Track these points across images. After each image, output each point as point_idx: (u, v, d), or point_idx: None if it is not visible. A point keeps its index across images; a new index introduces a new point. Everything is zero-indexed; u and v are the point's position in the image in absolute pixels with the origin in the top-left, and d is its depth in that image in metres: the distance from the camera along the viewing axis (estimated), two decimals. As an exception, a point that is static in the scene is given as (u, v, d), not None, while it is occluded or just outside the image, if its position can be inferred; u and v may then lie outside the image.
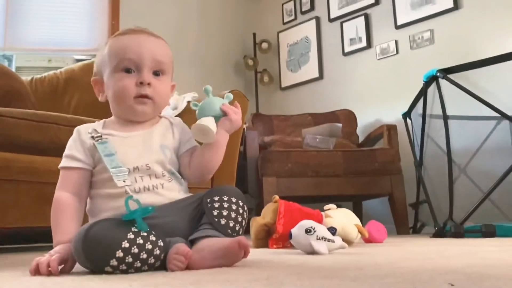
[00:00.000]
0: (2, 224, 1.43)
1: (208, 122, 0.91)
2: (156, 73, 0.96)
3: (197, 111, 0.94)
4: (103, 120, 1.01)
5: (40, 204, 1.49)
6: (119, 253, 0.74)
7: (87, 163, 0.92)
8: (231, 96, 0.98)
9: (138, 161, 0.91)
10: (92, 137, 0.93)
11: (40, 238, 2.17)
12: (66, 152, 0.94)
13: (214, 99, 0.95)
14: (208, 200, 0.88)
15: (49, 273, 0.77)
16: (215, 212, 0.86)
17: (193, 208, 0.90)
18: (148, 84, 0.93)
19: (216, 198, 0.88)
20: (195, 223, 0.88)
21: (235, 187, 0.95)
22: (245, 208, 0.90)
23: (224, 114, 0.94)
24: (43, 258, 0.78)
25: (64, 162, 0.93)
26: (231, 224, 0.86)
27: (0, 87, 1.91)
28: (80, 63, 2.55)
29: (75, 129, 0.97)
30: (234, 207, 0.88)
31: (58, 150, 1.55)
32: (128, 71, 0.93)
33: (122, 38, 0.96)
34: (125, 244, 0.74)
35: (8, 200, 1.44)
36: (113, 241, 0.75)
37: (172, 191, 0.92)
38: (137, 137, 0.95)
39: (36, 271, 0.77)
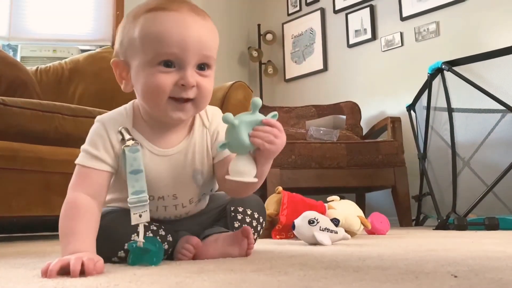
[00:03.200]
0: (8, 212, 1.44)
1: (244, 171, 0.71)
2: (201, 67, 0.75)
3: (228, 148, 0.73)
4: (131, 106, 0.81)
5: (45, 193, 1.50)
6: (121, 253, 0.75)
7: (113, 167, 0.77)
8: (269, 115, 0.73)
9: (165, 189, 0.80)
10: (123, 139, 0.77)
11: (45, 227, 2.20)
12: (88, 148, 0.77)
13: (242, 128, 0.70)
14: (232, 209, 0.89)
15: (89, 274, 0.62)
16: (236, 224, 0.88)
17: (212, 219, 0.91)
18: (193, 86, 0.73)
19: (240, 209, 0.89)
20: (209, 226, 0.89)
21: (258, 198, 0.93)
22: (263, 225, 0.92)
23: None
24: (74, 260, 0.61)
25: (86, 161, 0.76)
26: None
27: (5, 77, 1.92)
28: (85, 54, 2.55)
29: (100, 121, 0.80)
30: (254, 223, 0.90)
31: (63, 140, 1.58)
32: (167, 64, 0.72)
33: (160, 17, 0.72)
34: (135, 237, 0.73)
35: (13, 189, 1.45)
36: (123, 232, 0.75)
37: (196, 211, 0.89)
38: (168, 159, 0.80)
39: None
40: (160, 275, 0.61)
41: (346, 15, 3.48)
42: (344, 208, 1.56)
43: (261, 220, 0.91)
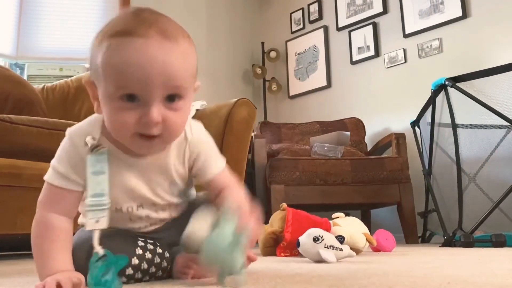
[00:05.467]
0: (13, 230, 1.44)
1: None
2: (172, 98, 0.67)
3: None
4: (101, 119, 0.73)
5: (50, 211, 1.50)
6: (129, 271, 0.73)
7: (82, 184, 0.72)
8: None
9: (142, 201, 0.77)
10: (86, 144, 0.72)
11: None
12: (57, 165, 0.73)
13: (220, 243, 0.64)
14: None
15: None
16: None
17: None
18: (157, 123, 0.66)
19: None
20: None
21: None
22: None
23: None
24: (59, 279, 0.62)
25: (55, 180, 0.73)
26: None
27: (12, 95, 1.94)
28: (90, 72, 2.58)
29: (68, 135, 0.76)
30: None
31: (68, 158, 1.58)
32: (130, 98, 0.65)
33: (123, 46, 0.64)
34: (135, 261, 0.72)
35: (18, 207, 1.45)
36: (125, 251, 0.72)
37: (177, 211, 0.83)
38: (146, 170, 0.75)
39: None
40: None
41: (349, 32, 3.51)
42: (349, 225, 1.55)
43: None
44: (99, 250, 0.65)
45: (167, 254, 0.79)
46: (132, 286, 0.70)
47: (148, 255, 0.75)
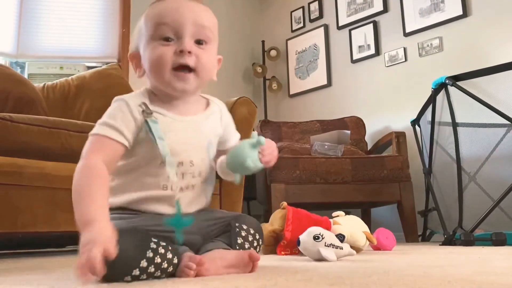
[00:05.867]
0: (13, 228, 1.44)
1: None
2: (199, 42, 0.84)
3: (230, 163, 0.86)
4: (145, 89, 0.87)
5: (50, 209, 1.51)
6: (136, 272, 0.72)
7: (129, 142, 0.81)
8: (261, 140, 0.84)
9: (184, 154, 0.85)
10: (143, 111, 0.81)
11: (50, 243, 2.20)
12: (108, 120, 0.80)
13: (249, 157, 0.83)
14: (237, 225, 0.91)
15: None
16: (239, 240, 0.89)
17: (212, 223, 0.91)
18: (189, 52, 0.81)
19: (244, 227, 0.91)
20: (210, 235, 0.91)
21: (257, 221, 0.98)
22: (260, 245, 0.95)
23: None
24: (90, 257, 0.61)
25: (104, 130, 0.79)
26: None
27: (12, 94, 1.94)
28: (91, 70, 2.58)
29: (121, 100, 0.83)
30: (255, 243, 0.93)
31: (68, 156, 1.58)
32: (166, 39, 0.81)
33: (159, 4, 0.85)
34: (143, 264, 0.72)
35: (19, 205, 1.46)
36: (135, 250, 0.72)
37: (201, 197, 0.91)
38: (188, 124, 0.87)
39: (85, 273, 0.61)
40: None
41: (350, 31, 3.51)
42: (350, 224, 1.56)
43: (260, 242, 0.95)
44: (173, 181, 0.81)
45: (175, 260, 0.78)
46: (133, 284, 0.70)
47: (158, 259, 0.74)
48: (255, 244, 0.93)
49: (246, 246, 0.90)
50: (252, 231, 0.92)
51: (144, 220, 0.82)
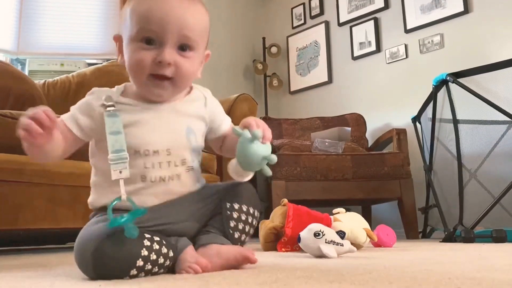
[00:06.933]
0: (14, 225, 1.45)
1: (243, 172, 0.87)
2: (183, 48, 0.81)
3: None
4: (124, 84, 0.88)
5: (51, 206, 1.51)
6: (133, 272, 0.72)
7: (85, 134, 0.83)
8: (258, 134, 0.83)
9: (160, 143, 0.83)
10: (103, 105, 0.82)
11: (51, 240, 2.20)
12: (73, 109, 0.85)
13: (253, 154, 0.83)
14: (228, 206, 0.87)
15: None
16: (232, 224, 0.86)
17: (204, 205, 0.88)
18: (169, 64, 0.79)
19: (236, 207, 0.87)
20: (204, 218, 0.88)
21: (251, 187, 0.93)
22: (258, 218, 0.92)
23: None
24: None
25: (65, 116, 0.84)
26: (242, 238, 0.88)
27: (13, 91, 1.94)
28: (91, 67, 2.58)
29: (91, 93, 0.86)
30: (250, 219, 0.89)
31: (69, 153, 1.58)
32: (148, 42, 0.79)
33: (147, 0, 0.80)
34: (139, 263, 0.72)
35: (20, 202, 1.46)
36: (130, 249, 0.72)
37: (186, 186, 0.87)
38: (162, 112, 0.85)
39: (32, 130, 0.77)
40: (166, 288, 0.61)
41: (351, 27, 3.50)
42: (350, 221, 1.56)
43: (256, 214, 0.91)
44: (124, 197, 0.76)
45: (171, 253, 0.78)
46: (133, 282, 0.70)
47: (153, 256, 0.75)
48: (250, 220, 0.89)
49: (240, 226, 0.87)
50: (245, 208, 0.88)
51: None
